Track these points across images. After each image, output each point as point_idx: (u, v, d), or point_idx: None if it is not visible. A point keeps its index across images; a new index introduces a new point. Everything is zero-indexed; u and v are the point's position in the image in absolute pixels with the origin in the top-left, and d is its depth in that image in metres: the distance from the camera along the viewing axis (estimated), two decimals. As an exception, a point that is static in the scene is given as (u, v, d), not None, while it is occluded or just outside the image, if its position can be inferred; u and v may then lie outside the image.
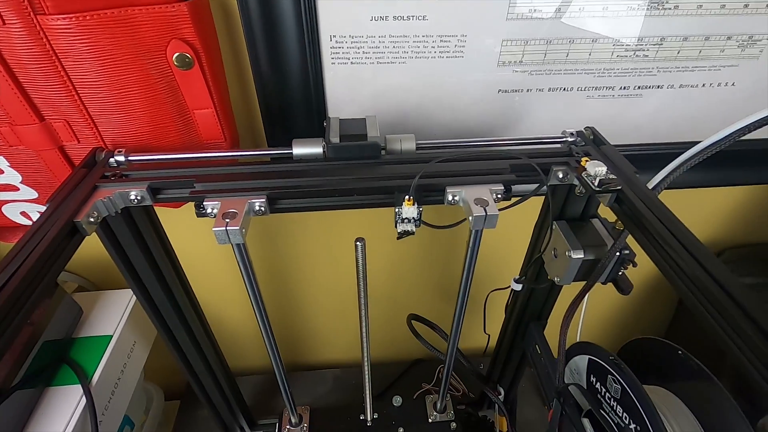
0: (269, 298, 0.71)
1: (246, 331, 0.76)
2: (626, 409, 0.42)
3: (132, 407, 0.66)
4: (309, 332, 0.79)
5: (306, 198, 0.36)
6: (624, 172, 0.36)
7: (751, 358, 0.23)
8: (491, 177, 0.36)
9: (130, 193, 0.35)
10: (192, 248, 0.59)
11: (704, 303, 0.26)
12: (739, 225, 0.70)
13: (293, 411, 0.56)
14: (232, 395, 0.64)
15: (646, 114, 0.52)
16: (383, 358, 0.83)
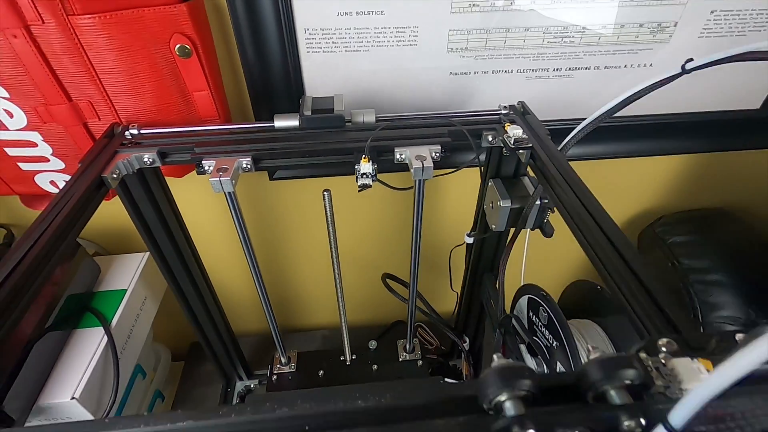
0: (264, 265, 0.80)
1: (243, 296, 0.85)
2: (551, 332, 0.51)
3: (143, 359, 0.76)
4: (301, 297, 0.89)
5: (283, 158, 0.45)
6: (539, 136, 0.45)
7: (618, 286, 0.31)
8: (431, 140, 0.45)
9: (144, 156, 0.44)
10: (196, 218, 0.68)
11: (587, 235, 0.34)
12: (676, 193, 0.79)
13: (283, 353, 0.65)
14: (232, 346, 0.74)
15: (578, 92, 0.61)
16: (366, 321, 0.92)
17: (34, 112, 0.48)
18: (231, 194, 0.44)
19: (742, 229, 0.76)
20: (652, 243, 0.78)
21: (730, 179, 0.77)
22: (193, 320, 0.66)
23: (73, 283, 0.61)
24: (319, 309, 0.92)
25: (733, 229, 0.76)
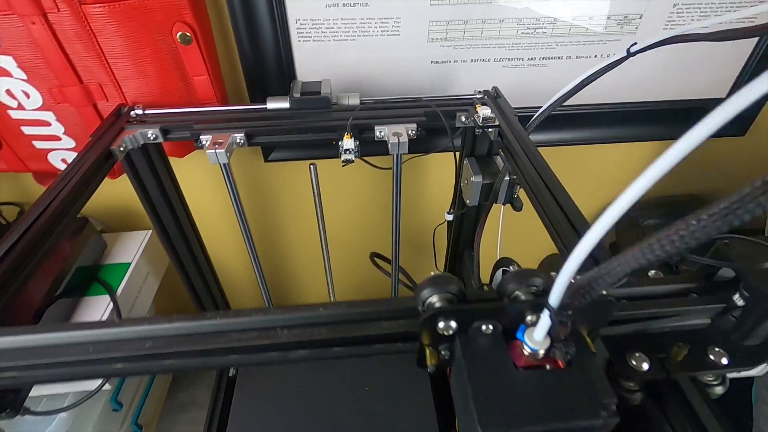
0: (260, 243, 0.85)
1: (241, 273, 0.90)
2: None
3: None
4: (295, 275, 0.93)
5: (273, 135, 0.50)
6: (507, 116, 0.50)
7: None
8: (407, 119, 0.50)
9: (148, 132, 0.49)
10: (197, 197, 0.72)
11: (544, 207, 0.38)
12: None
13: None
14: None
15: (552, 80, 0.65)
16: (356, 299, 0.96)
17: (49, 93, 0.53)
18: (226, 166, 0.48)
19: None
20: (628, 226, 0.82)
21: (702, 166, 0.81)
22: (192, 293, 0.71)
23: (81, 257, 0.65)
24: (314, 287, 0.97)
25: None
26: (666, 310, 0.25)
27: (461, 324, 0.22)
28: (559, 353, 0.21)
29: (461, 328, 0.22)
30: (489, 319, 0.22)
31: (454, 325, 0.22)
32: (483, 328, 0.22)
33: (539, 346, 0.21)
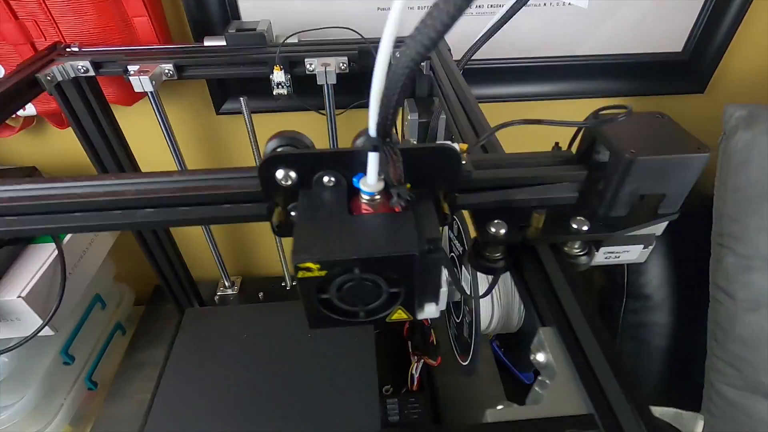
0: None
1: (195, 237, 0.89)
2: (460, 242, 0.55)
3: (104, 292, 0.80)
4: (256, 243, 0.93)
5: (206, 67, 0.49)
6: (440, 51, 0.49)
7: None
8: (338, 54, 0.49)
9: (78, 64, 0.49)
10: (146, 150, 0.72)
11: (460, 130, 0.38)
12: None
13: (227, 277, 0.70)
14: (187, 284, 0.78)
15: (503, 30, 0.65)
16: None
17: (-15, 30, 0.53)
18: (152, 94, 0.48)
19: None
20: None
21: (664, 127, 0.80)
22: (147, 253, 0.71)
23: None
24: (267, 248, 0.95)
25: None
26: (528, 176, 0.25)
27: (302, 175, 0.22)
28: (396, 199, 0.21)
29: (302, 180, 0.22)
30: (330, 170, 0.22)
31: (294, 176, 0.22)
32: (326, 179, 0.22)
33: (372, 188, 0.21)
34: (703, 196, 0.74)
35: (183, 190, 0.23)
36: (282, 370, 0.57)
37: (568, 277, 0.22)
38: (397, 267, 0.19)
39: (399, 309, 0.22)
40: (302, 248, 0.19)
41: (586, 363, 0.19)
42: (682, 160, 0.23)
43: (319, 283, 0.20)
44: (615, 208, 0.24)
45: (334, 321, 0.22)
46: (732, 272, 0.59)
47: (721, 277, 0.61)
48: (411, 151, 0.21)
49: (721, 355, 0.62)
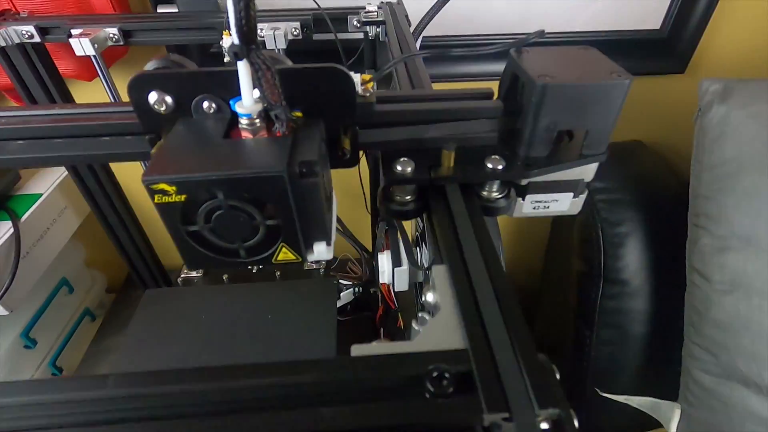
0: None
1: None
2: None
3: (72, 276, 0.79)
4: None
5: (154, 32, 0.48)
6: (398, 18, 0.47)
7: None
8: (290, 19, 0.47)
9: (21, 29, 0.47)
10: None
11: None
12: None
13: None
14: (155, 268, 0.76)
15: (469, 4, 0.63)
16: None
17: (-69, -4, 0.52)
18: (95, 58, 0.46)
19: (654, 159, 0.77)
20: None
21: (645, 109, 0.78)
22: (108, 229, 0.69)
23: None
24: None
25: (645, 158, 0.77)
26: (439, 111, 0.22)
27: (180, 100, 0.20)
28: (278, 123, 0.19)
29: (181, 106, 0.20)
30: (208, 93, 0.20)
31: (170, 101, 0.20)
32: (206, 105, 0.20)
33: (247, 109, 0.19)
34: (681, 178, 0.71)
35: (58, 120, 0.21)
36: (238, 352, 0.56)
37: (473, 218, 0.20)
38: (264, 191, 0.17)
39: (283, 247, 0.20)
40: (156, 168, 0.17)
41: (474, 301, 0.17)
42: (598, 87, 0.21)
43: (183, 211, 0.18)
44: (534, 147, 0.22)
45: (212, 260, 0.20)
46: (707, 253, 0.57)
47: (696, 259, 0.59)
48: (294, 71, 0.20)
49: (698, 340, 0.60)
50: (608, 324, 0.70)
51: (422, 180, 0.22)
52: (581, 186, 0.25)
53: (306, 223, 0.19)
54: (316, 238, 0.20)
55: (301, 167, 0.18)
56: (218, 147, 0.18)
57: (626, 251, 0.68)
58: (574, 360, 0.76)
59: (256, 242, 0.19)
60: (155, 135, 0.21)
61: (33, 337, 0.70)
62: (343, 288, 0.67)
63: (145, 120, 0.20)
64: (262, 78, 0.18)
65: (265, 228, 0.19)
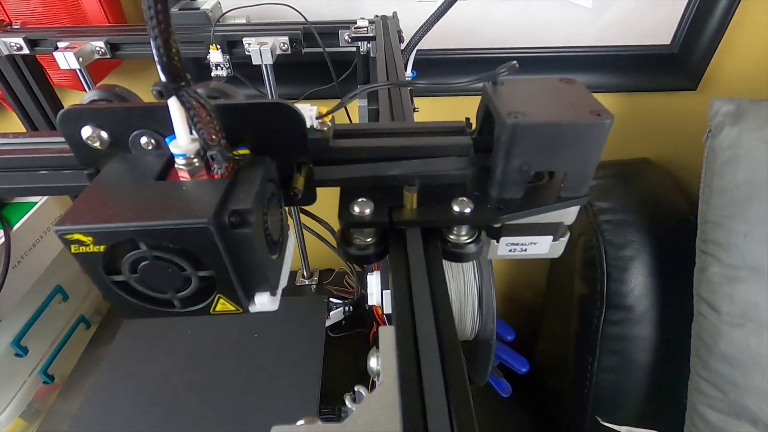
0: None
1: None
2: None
3: (67, 283, 0.79)
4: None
5: (141, 45, 0.47)
6: (390, 34, 0.46)
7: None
8: (279, 35, 0.46)
9: (11, 41, 0.47)
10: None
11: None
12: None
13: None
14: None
15: (469, 15, 0.61)
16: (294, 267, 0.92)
17: (-73, 7, 0.52)
18: (81, 72, 0.46)
19: (662, 177, 0.74)
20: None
21: (654, 126, 0.75)
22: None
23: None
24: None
25: (653, 177, 0.74)
26: (401, 147, 0.21)
27: (116, 136, 0.18)
28: (215, 164, 0.18)
29: (118, 142, 0.19)
30: (144, 129, 0.18)
31: (105, 136, 0.18)
32: (143, 141, 0.19)
33: (181, 149, 0.17)
34: (690, 198, 0.68)
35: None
36: (222, 369, 0.54)
37: (431, 271, 0.18)
38: (190, 242, 0.16)
39: (221, 298, 0.18)
40: (71, 216, 0.15)
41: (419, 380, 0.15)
42: (575, 127, 0.19)
43: (106, 262, 0.16)
44: (506, 188, 0.20)
45: (144, 310, 0.18)
46: (716, 283, 0.54)
47: (704, 288, 0.56)
48: (238, 107, 0.18)
49: (705, 374, 0.56)
50: (610, 350, 0.67)
51: (381, 223, 0.20)
52: (562, 228, 0.23)
53: (244, 274, 0.18)
54: (258, 289, 0.18)
55: (232, 216, 0.16)
56: (147, 190, 0.17)
57: (631, 275, 0.65)
58: (575, 385, 0.72)
59: (190, 293, 0.18)
60: (94, 170, 0.19)
61: (24, 345, 0.70)
62: (333, 306, 0.65)
63: (81, 155, 0.19)
64: (195, 116, 0.16)
65: (198, 279, 0.17)
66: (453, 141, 0.21)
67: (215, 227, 0.15)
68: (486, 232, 0.22)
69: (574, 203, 0.21)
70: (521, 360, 0.71)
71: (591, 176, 0.21)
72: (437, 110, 0.69)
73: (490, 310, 0.45)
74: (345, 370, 0.66)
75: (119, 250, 0.16)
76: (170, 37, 0.14)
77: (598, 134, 0.19)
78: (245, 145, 0.19)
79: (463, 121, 0.23)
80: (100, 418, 0.52)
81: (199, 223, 0.15)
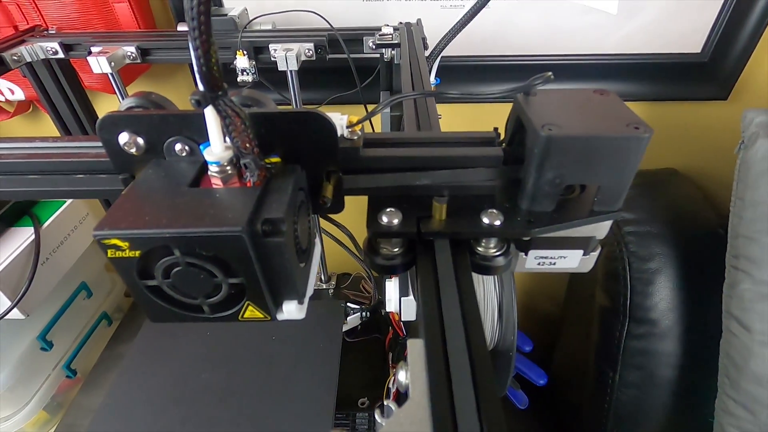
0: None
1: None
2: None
3: (92, 280, 0.81)
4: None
5: (170, 51, 0.48)
6: (414, 41, 0.46)
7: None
8: (305, 41, 0.47)
9: (47, 45, 0.48)
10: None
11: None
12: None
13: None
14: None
15: (496, 25, 0.61)
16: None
17: (-30, 12, 0.54)
18: (112, 76, 0.47)
19: (689, 188, 0.72)
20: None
21: (683, 136, 0.73)
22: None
23: (18, 191, 0.66)
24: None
25: (680, 188, 0.72)
26: (431, 157, 0.21)
27: (151, 142, 0.19)
28: (248, 173, 0.18)
29: (154, 148, 0.19)
30: (180, 136, 0.19)
31: (141, 143, 0.19)
32: (178, 148, 0.19)
33: (215, 156, 0.17)
34: (719, 211, 0.66)
35: (34, 156, 0.20)
36: (239, 371, 0.55)
37: (461, 283, 0.18)
38: (222, 249, 0.16)
39: (249, 305, 0.18)
40: (108, 221, 0.16)
41: (449, 393, 0.14)
42: (611, 140, 0.18)
43: (140, 267, 0.17)
44: (537, 201, 0.20)
45: (174, 315, 0.18)
46: (747, 300, 0.52)
47: (735, 305, 0.54)
48: (271, 116, 0.18)
49: (734, 394, 0.54)
50: (632, 365, 0.65)
51: (409, 234, 0.20)
52: (593, 243, 0.23)
53: (273, 282, 0.18)
54: (286, 297, 0.19)
55: (264, 225, 0.16)
56: (181, 197, 0.17)
57: (655, 289, 0.63)
58: (595, 400, 0.71)
59: (220, 300, 0.18)
60: (129, 175, 0.20)
61: (50, 339, 0.72)
62: (350, 312, 0.65)
63: (117, 160, 0.19)
64: (231, 125, 0.16)
65: (228, 286, 0.17)
66: (482, 152, 0.21)
67: (248, 236, 0.16)
68: (515, 245, 0.22)
69: (608, 217, 0.21)
70: (539, 372, 0.70)
71: (626, 190, 0.20)
72: (459, 116, 0.69)
73: (510, 322, 0.44)
74: (360, 376, 0.66)
75: (153, 256, 0.16)
76: (211, 47, 0.14)
77: (636, 148, 0.18)
78: (276, 153, 0.19)
79: (491, 130, 0.23)
80: (118, 415, 0.53)
81: (232, 231, 0.15)
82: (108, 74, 0.46)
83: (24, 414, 0.70)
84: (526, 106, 0.20)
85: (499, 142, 0.22)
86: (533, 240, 0.22)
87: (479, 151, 0.21)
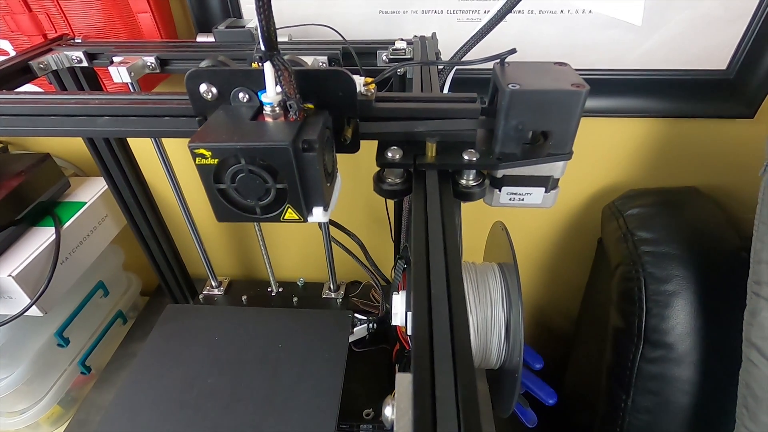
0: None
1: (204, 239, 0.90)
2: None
3: (109, 279, 0.83)
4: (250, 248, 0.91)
5: (189, 61, 0.49)
6: (427, 54, 0.46)
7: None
8: (320, 53, 0.47)
9: (72, 54, 0.50)
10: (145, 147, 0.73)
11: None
12: (644, 166, 0.74)
13: (213, 277, 0.69)
14: (179, 271, 0.79)
15: (512, 37, 0.60)
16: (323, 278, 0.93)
17: (3, 21, 0.56)
18: (132, 85, 0.48)
19: (711, 208, 0.69)
20: (610, 215, 0.73)
21: (706, 155, 0.71)
22: (140, 237, 0.72)
23: (44, 194, 0.68)
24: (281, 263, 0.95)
25: (701, 207, 0.69)
26: (427, 110, 0.28)
27: (222, 90, 0.26)
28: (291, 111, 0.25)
29: (223, 95, 0.26)
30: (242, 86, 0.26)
31: (215, 91, 0.26)
32: (241, 95, 0.26)
33: (269, 99, 0.24)
34: (742, 233, 0.64)
35: (134, 102, 0.28)
36: (245, 377, 0.55)
37: (444, 202, 0.24)
38: (274, 159, 0.22)
39: (289, 208, 0.25)
40: (198, 137, 0.23)
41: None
42: (557, 93, 0.25)
43: (215, 172, 0.23)
44: (506, 144, 0.27)
45: (235, 214, 0.25)
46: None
47: (756, 333, 0.52)
48: (307, 73, 0.26)
49: (752, 427, 0.52)
50: (646, 390, 0.63)
51: (407, 164, 0.27)
52: (552, 182, 0.29)
53: (307, 189, 0.24)
54: (315, 203, 0.25)
55: (303, 143, 0.23)
56: (246, 126, 0.24)
57: (672, 312, 0.61)
58: (606, 424, 0.69)
59: (268, 202, 0.24)
60: (203, 117, 0.27)
61: (66, 336, 0.74)
62: (357, 323, 0.65)
63: (195, 105, 0.27)
64: (281, 77, 0.24)
65: (275, 190, 0.24)
66: (466, 106, 0.28)
67: (292, 149, 0.22)
68: (490, 183, 0.29)
69: (559, 158, 0.27)
70: (549, 391, 0.68)
71: (573, 137, 0.26)
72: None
73: (517, 342, 0.44)
74: (365, 386, 0.65)
75: (225, 164, 0.23)
76: (270, 19, 0.22)
77: (576, 101, 0.25)
78: (311, 100, 0.26)
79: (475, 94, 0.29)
80: (126, 415, 0.54)
81: (282, 144, 0.22)
82: (128, 84, 0.47)
83: (39, 408, 0.72)
84: (500, 73, 0.27)
85: (482, 102, 0.29)
86: (504, 178, 0.29)
87: (463, 106, 0.28)
